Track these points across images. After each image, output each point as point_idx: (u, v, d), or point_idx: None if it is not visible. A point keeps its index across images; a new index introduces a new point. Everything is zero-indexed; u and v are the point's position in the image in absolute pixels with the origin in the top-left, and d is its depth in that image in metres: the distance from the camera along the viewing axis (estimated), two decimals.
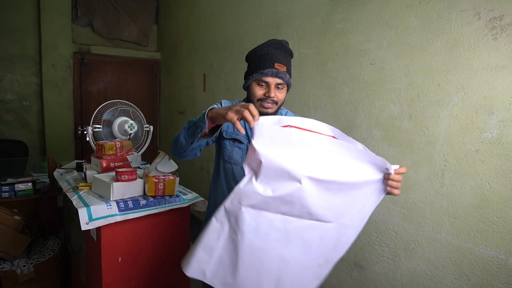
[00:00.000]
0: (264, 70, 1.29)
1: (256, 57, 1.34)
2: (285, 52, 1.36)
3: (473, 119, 1.51)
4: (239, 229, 1.01)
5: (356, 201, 1.05)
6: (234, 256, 1.04)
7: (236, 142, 1.43)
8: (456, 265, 1.60)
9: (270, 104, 1.33)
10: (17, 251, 2.21)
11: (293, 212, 1.01)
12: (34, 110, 4.01)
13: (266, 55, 1.31)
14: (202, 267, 1.06)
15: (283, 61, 1.32)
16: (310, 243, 1.06)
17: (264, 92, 1.33)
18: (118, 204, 1.65)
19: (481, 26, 1.47)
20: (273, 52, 1.32)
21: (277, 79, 1.31)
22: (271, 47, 1.34)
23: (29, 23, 3.86)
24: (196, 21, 3.74)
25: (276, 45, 1.35)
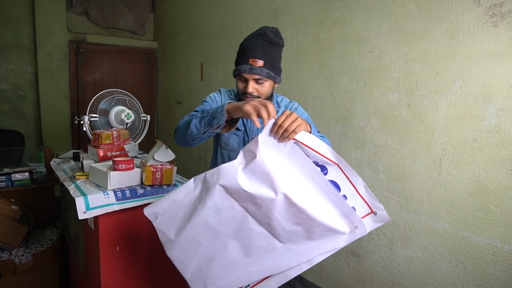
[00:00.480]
0: (240, 66, 1.29)
1: (240, 48, 1.33)
2: (267, 43, 1.28)
3: (471, 107, 1.51)
4: (205, 202, 1.06)
5: (313, 238, 1.07)
6: (186, 218, 1.10)
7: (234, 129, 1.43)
8: (452, 253, 1.61)
9: (250, 98, 1.30)
10: (15, 241, 2.21)
11: (256, 215, 1.05)
12: (30, 100, 3.97)
13: (244, 49, 1.29)
14: (157, 211, 1.16)
15: (260, 55, 1.26)
16: (253, 248, 1.09)
17: (244, 86, 1.32)
18: (115, 193, 1.64)
19: (481, 13, 1.45)
20: (252, 46, 1.27)
21: (254, 75, 1.28)
22: (252, 39, 1.29)
23: (23, 11, 3.79)
24: (193, 10, 3.69)
25: (258, 36, 1.29)
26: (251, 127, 1.43)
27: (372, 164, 1.95)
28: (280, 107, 1.47)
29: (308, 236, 1.06)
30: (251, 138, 1.42)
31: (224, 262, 1.12)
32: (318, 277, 2.36)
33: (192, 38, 3.73)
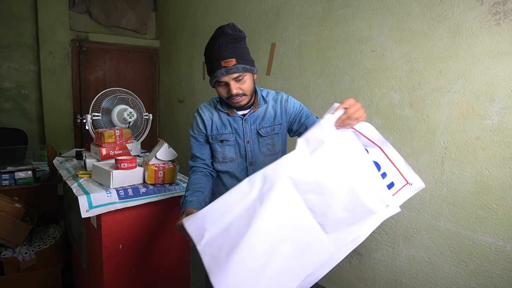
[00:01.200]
0: (215, 72, 1.26)
1: (207, 56, 1.30)
2: (232, 40, 1.25)
3: (474, 106, 1.51)
4: (268, 198, 0.93)
5: (352, 223, 1.03)
6: (244, 228, 0.91)
7: (224, 142, 1.42)
8: (455, 251, 1.61)
9: (238, 98, 1.30)
10: (18, 239, 2.22)
11: (315, 207, 0.99)
12: (33, 98, 3.99)
13: (211, 55, 1.26)
14: (205, 227, 0.94)
15: (229, 53, 1.23)
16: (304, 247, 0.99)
17: (226, 90, 1.29)
18: (118, 192, 1.65)
19: (484, 11, 1.45)
20: (216, 49, 1.24)
21: (231, 75, 1.26)
22: (214, 42, 1.25)
23: (26, 10, 3.80)
24: (195, 9, 3.69)
25: (218, 37, 1.25)
26: (243, 130, 1.40)
27: None
28: (267, 102, 1.43)
29: (350, 222, 1.03)
30: (246, 141, 1.40)
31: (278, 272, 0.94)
32: None
33: (194, 37, 3.73)
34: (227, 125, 1.41)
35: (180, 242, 1.94)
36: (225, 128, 1.41)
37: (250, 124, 1.40)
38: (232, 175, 1.44)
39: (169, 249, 1.90)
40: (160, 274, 1.90)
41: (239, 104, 1.33)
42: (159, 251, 1.87)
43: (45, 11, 3.83)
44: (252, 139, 1.41)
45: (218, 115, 1.43)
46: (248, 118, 1.40)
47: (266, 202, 0.94)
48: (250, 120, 1.40)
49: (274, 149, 1.44)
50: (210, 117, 1.44)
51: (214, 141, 1.43)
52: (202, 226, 0.95)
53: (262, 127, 1.40)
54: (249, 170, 1.43)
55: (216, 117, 1.43)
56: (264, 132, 1.41)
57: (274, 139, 1.43)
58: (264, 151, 1.43)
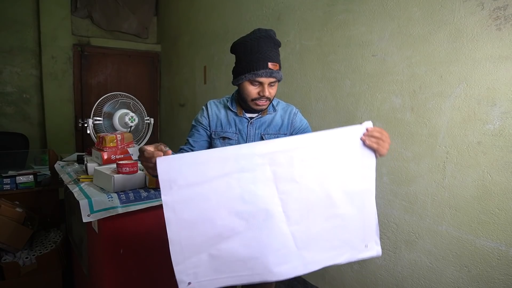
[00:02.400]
0: (258, 71, 1.25)
1: (246, 53, 1.29)
2: (275, 46, 1.31)
3: (475, 110, 1.51)
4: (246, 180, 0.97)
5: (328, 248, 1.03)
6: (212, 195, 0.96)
7: (226, 140, 1.42)
8: (457, 256, 1.60)
9: (264, 101, 1.32)
10: (19, 243, 2.22)
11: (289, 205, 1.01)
12: (35, 103, 4.00)
13: (258, 53, 1.25)
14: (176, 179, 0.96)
15: (275, 58, 1.28)
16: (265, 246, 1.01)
17: (258, 91, 1.30)
18: (119, 196, 1.65)
19: (484, 16, 1.45)
20: (265, 49, 1.26)
21: (271, 78, 1.28)
22: (261, 42, 1.27)
23: (28, 14, 3.83)
24: (196, 13, 3.71)
25: (265, 38, 1.28)
26: (247, 132, 1.40)
27: (376, 167, 1.94)
28: (276, 110, 1.44)
29: (322, 245, 1.01)
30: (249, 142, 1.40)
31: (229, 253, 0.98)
32: (321, 281, 2.35)
33: (195, 41, 3.75)
34: (232, 124, 1.42)
35: None
36: (229, 127, 1.42)
37: (255, 128, 1.41)
38: None
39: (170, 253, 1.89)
40: (161, 279, 1.89)
41: (261, 107, 1.35)
42: (160, 255, 1.86)
43: (47, 16, 3.86)
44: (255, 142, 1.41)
45: (226, 113, 1.43)
46: (254, 121, 1.41)
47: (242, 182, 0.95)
48: (256, 124, 1.41)
49: None
50: (216, 114, 1.44)
51: (216, 137, 1.43)
52: (173, 177, 0.94)
53: (267, 133, 1.41)
54: None
55: (223, 114, 1.44)
56: (268, 139, 1.40)
57: None
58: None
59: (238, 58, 1.34)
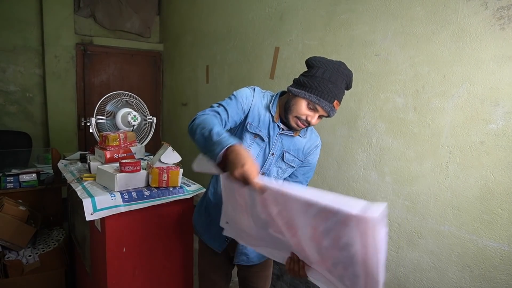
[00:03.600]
0: (323, 100, 1.21)
1: (321, 76, 1.21)
2: (347, 87, 1.28)
3: (478, 110, 1.50)
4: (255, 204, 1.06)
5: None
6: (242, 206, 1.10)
7: (257, 138, 1.36)
8: (459, 256, 1.60)
9: (304, 125, 1.29)
10: (22, 241, 2.23)
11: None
12: (38, 102, 4.01)
13: (331, 85, 1.21)
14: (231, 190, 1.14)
15: (341, 98, 1.26)
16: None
17: (307, 114, 1.25)
18: (122, 195, 1.65)
19: (488, 16, 1.45)
20: (339, 85, 1.22)
21: (325, 113, 1.25)
22: (340, 77, 1.22)
23: (31, 14, 3.84)
24: (199, 12, 3.71)
25: (345, 76, 1.24)
26: (274, 141, 1.37)
27: (378, 167, 1.94)
28: (305, 136, 1.41)
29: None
30: (271, 153, 1.37)
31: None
32: None
33: (198, 41, 3.75)
34: (266, 127, 1.36)
35: (184, 245, 1.94)
36: (264, 128, 1.36)
37: (281, 142, 1.37)
38: None
39: (173, 252, 1.90)
40: (164, 277, 1.90)
41: (298, 128, 1.32)
42: (163, 254, 1.87)
43: (50, 15, 3.86)
44: (276, 154, 1.39)
45: (264, 112, 1.36)
46: (284, 135, 1.37)
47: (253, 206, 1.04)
48: (283, 138, 1.37)
49: (281, 176, 1.44)
50: (258, 108, 1.37)
51: (250, 130, 1.35)
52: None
53: (289, 151, 1.39)
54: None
55: (262, 112, 1.36)
56: (287, 158, 1.39)
57: (288, 169, 1.43)
58: (273, 171, 1.41)
59: (311, 74, 1.24)
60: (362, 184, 2.04)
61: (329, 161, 2.23)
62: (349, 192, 2.12)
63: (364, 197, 2.03)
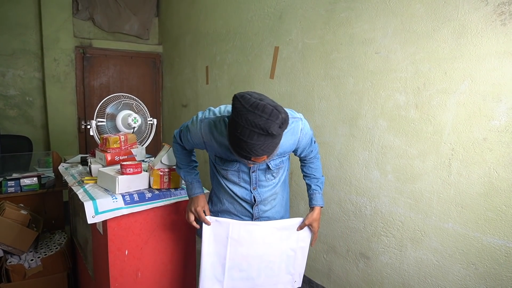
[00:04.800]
0: (241, 158, 1.16)
1: (236, 134, 1.09)
2: (273, 141, 1.11)
3: (480, 107, 1.49)
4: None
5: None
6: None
7: (228, 169, 1.46)
8: (464, 254, 1.59)
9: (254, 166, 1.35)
10: (24, 245, 2.22)
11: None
12: (38, 105, 4.01)
13: (245, 144, 1.08)
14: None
15: (264, 152, 1.11)
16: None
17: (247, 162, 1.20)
18: (123, 197, 1.65)
19: (489, 11, 1.44)
20: (255, 144, 1.07)
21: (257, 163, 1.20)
22: (255, 136, 1.06)
23: (30, 17, 3.83)
24: (197, 13, 3.70)
25: (264, 136, 1.07)
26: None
27: (380, 165, 1.94)
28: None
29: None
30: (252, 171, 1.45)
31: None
32: (327, 280, 2.34)
33: (197, 41, 3.74)
34: (233, 157, 1.32)
35: (187, 247, 1.94)
36: (231, 154, 1.32)
37: None
38: (235, 193, 1.51)
39: (175, 254, 1.89)
40: (166, 280, 1.89)
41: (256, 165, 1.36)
42: (166, 256, 1.86)
43: (49, 18, 3.86)
44: (259, 169, 1.43)
45: (225, 142, 1.30)
46: None
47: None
48: None
49: (277, 175, 1.50)
50: (213, 140, 1.36)
51: (217, 163, 1.48)
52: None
53: (272, 159, 1.41)
54: (254, 193, 1.49)
55: (223, 141, 1.32)
56: (273, 165, 1.44)
57: (280, 169, 1.50)
58: (268, 177, 1.48)
59: (229, 131, 1.14)
60: (364, 183, 2.03)
61: (331, 160, 2.22)
62: (351, 191, 2.11)
63: (366, 195, 2.02)
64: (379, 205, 1.96)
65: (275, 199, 1.56)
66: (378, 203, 1.96)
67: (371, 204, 2.00)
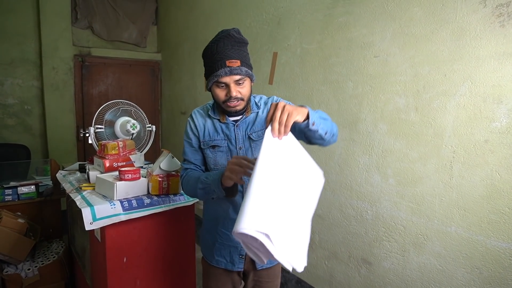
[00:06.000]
0: (217, 71, 1.23)
1: (207, 56, 1.28)
2: (236, 43, 1.26)
3: (481, 108, 1.49)
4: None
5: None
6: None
7: (216, 148, 1.40)
8: (467, 258, 1.57)
9: (235, 102, 1.28)
10: (21, 254, 2.19)
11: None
12: (36, 114, 4.00)
13: (216, 54, 1.24)
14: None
15: (234, 55, 1.24)
16: None
17: (225, 92, 1.27)
18: (122, 203, 1.63)
19: (487, 13, 1.44)
20: (222, 49, 1.23)
21: (234, 76, 1.24)
22: (220, 42, 1.24)
23: (29, 26, 3.85)
24: (196, 20, 3.72)
25: (224, 38, 1.24)
26: (235, 136, 1.38)
27: (381, 169, 1.92)
28: (259, 107, 1.42)
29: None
30: (239, 147, 1.38)
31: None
32: (328, 287, 2.31)
33: (195, 49, 3.75)
34: (219, 132, 1.39)
35: (186, 254, 1.91)
36: (217, 135, 1.39)
37: (242, 130, 1.38)
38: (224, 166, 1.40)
39: (174, 261, 1.86)
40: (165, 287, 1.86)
41: (235, 109, 1.31)
42: (165, 263, 1.83)
43: (48, 27, 3.87)
44: (244, 145, 1.38)
45: (211, 121, 1.42)
46: (240, 124, 1.38)
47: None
48: (242, 126, 1.38)
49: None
50: (203, 123, 1.43)
51: (205, 147, 1.41)
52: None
53: (254, 131, 1.38)
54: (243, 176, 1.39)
55: (209, 123, 1.42)
56: (256, 136, 1.38)
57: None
58: (256, 155, 1.38)
59: (204, 63, 1.32)
60: (365, 187, 2.02)
61: (331, 165, 2.21)
62: (352, 196, 2.09)
63: (367, 200, 2.00)
64: (381, 209, 1.94)
65: None
66: (380, 207, 1.94)
67: (372, 209, 1.98)
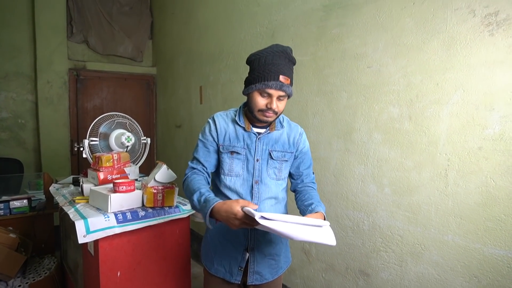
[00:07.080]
0: (268, 82, 1.27)
1: (260, 64, 1.30)
2: (289, 62, 1.32)
3: (474, 116, 1.50)
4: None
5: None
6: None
7: (234, 154, 1.40)
8: (465, 267, 1.56)
9: (271, 114, 1.33)
10: (11, 271, 2.14)
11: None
12: (30, 128, 3.97)
13: (271, 65, 1.28)
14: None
15: (287, 72, 1.30)
16: None
17: (266, 103, 1.31)
18: (116, 216, 1.61)
19: (476, 23, 1.47)
20: (278, 62, 1.28)
21: (280, 92, 1.29)
22: (276, 56, 1.29)
23: (24, 40, 3.86)
24: (190, 34, 3.76)
25: (280, 53, 1.30)
26: (255, 147, 1.39)
27: (376, 178, 1.92)
28: (283, 127, 1.46)
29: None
30: (256, 159, 1.39)
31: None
32: None
33: (190, 62, 3.78)
34: (240, 139, 1.41)
35: (181, 266, 1.88)
36: (237, 142, 1.40)
37: (263, 144, 1.40)
38: (233, 190, 1.41)
39: (170, 274, 1.83)
40: None
41: (268, 119, 1.35)
42: (160, 277, 1.80)
43: (43, 41, 3.88)
44: (262, 158, 1.41)
45: (234, 127, 1.42)
46: (262, 137, 1.41)
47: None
48: (264, 140, 1.41)
49: (280, 174, 1.45)
50: (224, 127, 1.43)
51: (224, 151, 1.41)
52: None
53: (275, 150, 1.41)
54: (254, 188, 1.40)
55: (231, 129, 1.42)
56: (275, 156, 1.42)
57: (282, 165, 1.45)
58: (270, 173, 1.43)
59: (252, 69, 1.34)
60: (361, 197, 2.01)
61: (326, 176, 2.20)
62: (348, 206, 2.09)
63: (364, 210, 1.99)
64: (377, 219, 1.93)
65: (273, 205, 1.46)
66: (376, 217, 1.94)
67: (369, 219, 1.97)
